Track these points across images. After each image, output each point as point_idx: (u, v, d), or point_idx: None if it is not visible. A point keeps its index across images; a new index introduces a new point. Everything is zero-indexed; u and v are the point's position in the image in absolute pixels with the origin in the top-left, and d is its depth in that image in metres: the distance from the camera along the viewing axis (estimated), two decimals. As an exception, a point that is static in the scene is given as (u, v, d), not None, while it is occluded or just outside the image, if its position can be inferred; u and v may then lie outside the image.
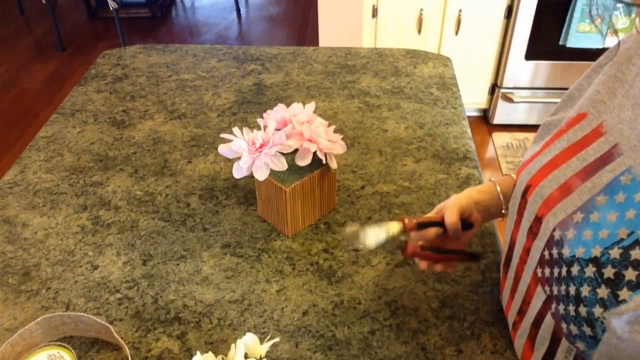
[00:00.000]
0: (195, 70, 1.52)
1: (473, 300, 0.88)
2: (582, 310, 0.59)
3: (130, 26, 3.87)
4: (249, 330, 0.83)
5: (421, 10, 2.46)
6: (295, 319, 0.86)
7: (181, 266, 0.95)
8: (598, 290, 0.57)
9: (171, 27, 3.94)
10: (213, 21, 3.95)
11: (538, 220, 0.66)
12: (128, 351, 0.78)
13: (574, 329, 0.61)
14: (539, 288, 0.67)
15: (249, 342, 0.75)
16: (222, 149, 0.97)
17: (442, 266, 0.82)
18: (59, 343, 0.81)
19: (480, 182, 1.12)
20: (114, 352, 0.82)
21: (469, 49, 2.56)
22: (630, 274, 0.54)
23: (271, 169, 0.93)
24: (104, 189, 1.12)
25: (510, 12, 2.44)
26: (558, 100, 0.77)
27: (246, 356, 0.74)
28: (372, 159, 1.19)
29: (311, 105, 1.00)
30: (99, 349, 0.82)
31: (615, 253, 0.55)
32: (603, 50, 0.70)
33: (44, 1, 3.36)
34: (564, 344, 0.64)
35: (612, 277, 0.56)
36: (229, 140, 0.95)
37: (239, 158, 0.94)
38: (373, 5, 2.46)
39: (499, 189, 0.86)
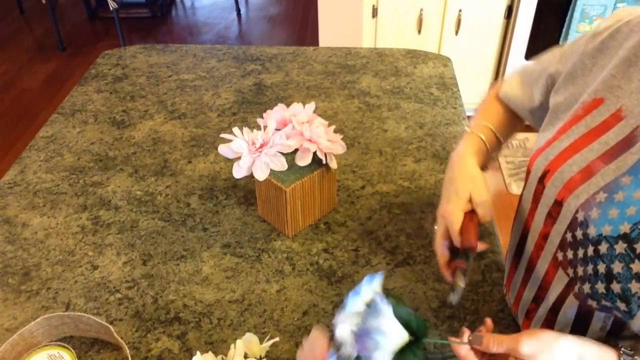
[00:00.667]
0: (195, 70, 1.52)
1: (473, 300, 0.88)
2: (616, 286, 0.59)
3: (130, 26, 3.87)
4: (249, 330, 0.83)
5: (421, 10, 2.46)
6: (295, 319, 0.86)
7: (181, 266, 0.95)
8: (632, 266, 0.57)
9: (171, 27, 3.94)
10: (213, 21, 3.95)
11: (558, 205, 0.66)
12: (128, 351, 0.78)
13: (607, 304, 0.61)
14: (560, 272, 0.67)
15: (248, 342, 0.75)
16: (222, 149, 0.97)
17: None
18: (59, 343, 0.81)
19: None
20: (114, 352, 0.82)
21: (469, 49, 2.56)
22: None
23: (271, 169, 0.93)
24: (104, 189, 1.12)
25: (510, 12, 2.44)
26: None
27: (246, 356, 0.74)
28: (372, 159, 1.19)
29: (311, 105, 1.00)
30: (99, 349, 0.82)
31: (620, 227, 0.57)
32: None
33: (44, 1, 3.36)
34: (597, 316, 0.65)
35: (624, 251, 0.57)
36: (229, 140, 0.95)
37: (239, 158, 0.94)
38: (373, 5, 2.46)
39: (482, 136, 0.85)
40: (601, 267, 0.61)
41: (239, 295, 0.90)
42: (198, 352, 0.73)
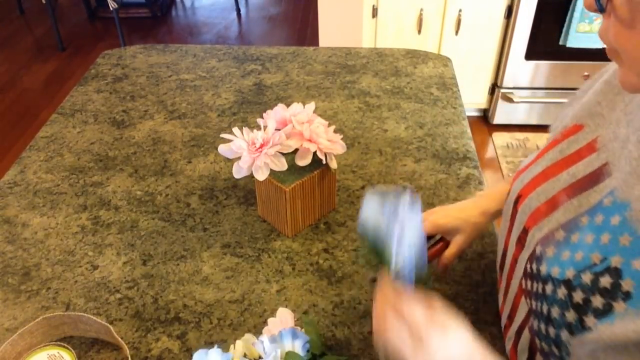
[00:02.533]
0: (195, 70, 1.52)
1: (473, 300, 0.88)
2: (551, 331, 0.57)
3: (130, 26, 3.87)
4: (249, 331, 0.83)
5: (421, 10, 2.46)
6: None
7: (181, 266, 0.95)
8: (567, 314, 0.55)
9: (171, 27, 3.94)
10: (213, 21, 3.95)
11: (525, 232, 0.65)
12: (128, 351, 0.78)
13: (545, 347, 0.59)
14: (523, 299, 0.66)
15: (248, 342, 0.75)
16: (222, 149, 0.97)
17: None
18: (59, 343, 0.81)
19: (480, 182, 1.12)
20: (114, 352, 0.82)
21: (469, 49, 2.56)
22: (597, 301, 0.51)
23: (271, 169, 0.93)
24: (104, 189, 1.12)
25: (510, 12, 2.44)
26: (558, 100, 0.77)
27: (245, 356, 0.74)
28: (372, 159, 1.19)
29: (311, 105, 1.00)
30: (99, 349, 0.82)
31: (586, 278, 0.53)
32: (603, 50, 0.70)
33: (44, 1, 3.36)
34: (539, 358, 0.63)
35: (580, 302, 0.53)
36: (229, 140, 0.95)
37: (239, 158, 0.94)
38: (373, 5, 2.46)
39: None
40: (544, 308, 0.58)
41: (239, 295, 0.90)
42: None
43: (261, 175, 0.93)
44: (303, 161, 0.95)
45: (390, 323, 0.60)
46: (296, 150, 0.96)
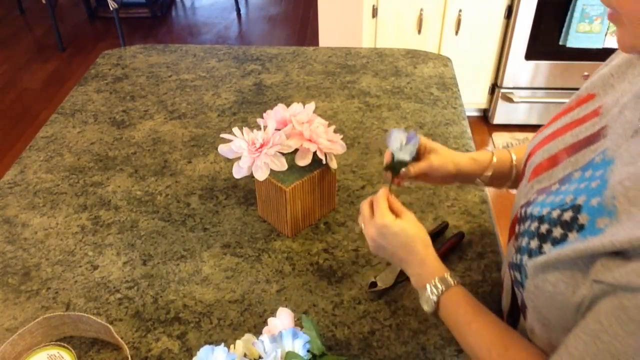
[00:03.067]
0: (195, 70, 1.52)
1: (473, 300, 0.88)
2: (518, 257, 0.65)
3: (130, 26, 3.87)
4: (249, 331, 0.83)
5: (421, 10, 2.46)
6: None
7: (181, 266, 0.95)
8: (531, 242, 0.63)
9: (171, 27, 3.94)
10: (213, 21, 3.95)
11: (528, 185, 0.71)
12: (128, 351, 0.78)
13: (515, 274, 0.67)
14: (512, 241, 0.73)
15: (248, 342, 0.75)
16: (222, 149, 0.97)
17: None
18: (59, 343, 0.81)
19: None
20: (114, 352, 0.82)
21: (469, 49, 2.56)
22: (557, 232, 0.59)
23: (271, 169, 0.93)
24: (104, 189, 1.12)
25: (510, 12, 2.44)
26: (558, 100, 0.79)
27: (245, 356, 0.74)
28: (372, 159, 1.19)
29: (311, 105, 1.00)
30: (99, 349, 0.82)
31: (555, 213, 0.60)
32: (603, 50, 0.70)
33: (44, 1, 3.36)
34: (514, 288, 0.71)
35: (544, 232, 0.61)
36: (229, 140, 0.95)
37: (239, 158, 0.94)
38: (373, 5, 2.46)
39: (494, 160, 0.90)
40: (521, 241, 0.66)
41: (239, 295, 0.90)
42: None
43: (261, 175, 0.93)
44: (303, 161, 0.95)
45: (372, 240, 0.78)
46: (296, 150, 0.96)
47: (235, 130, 0.96)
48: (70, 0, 4.23)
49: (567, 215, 0.58)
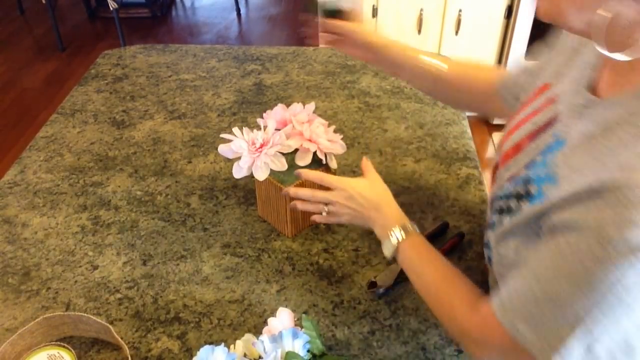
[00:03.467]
0: (195, 70, 1.52)
1: (473, 300, 0.88)
2: (486, 235, 0.75)
3: (130, 26, 3.87)
4: (249, 331, 0.83)
5: (421, 10, 2.46)
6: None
7: (181, 266, 0.95)
8: (493, 217, 0.72)
9: (171, 27, 3.94)
10: (213, 21, 3.95)
11: (499, 173, 0.78)
12: (128, 351, 0.78)
13: (486, 252, 0.76)
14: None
15: (248, 342, 0.75)
16: (222, 149, 0.97)
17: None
18: (59, 343, 0.81)
19: (480, 182, 1.12)
20: (114, 352, 0.82)
21: (469, 49, 2.56)
22: (513, 204, 0.68)
23: (271, 169, 0.93)
24: (104, 189, 1.12)
25: (510, 12, 2.44)
26: None
27: (245, 356, 0.74)
28: (372, 159, 1.19)
29: (311, 105, 1.00)
30: (99, 349, 0.82)
31: (512, 189, 0.69)
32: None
33: (44, 1, 3.36)
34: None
35: (505, 207, 0.70)
36: (229, 140, 0.95)
37: (239, 158, 0.94)
38: (373, 5, 2.46)
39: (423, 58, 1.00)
40: (489, 221, 0.75)
41: (239, 295, 0.90)
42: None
43: (261, 175, 0.93)
44: (303, 161, 0.95)
45: (345, 207, 0.85)
46: (296, 150, 0.96)
47: (235, 130, 0.96)
48: (70, 0, 4.23)
49: (521, 189, 0.67)
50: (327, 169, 0.98)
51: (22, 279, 0.93)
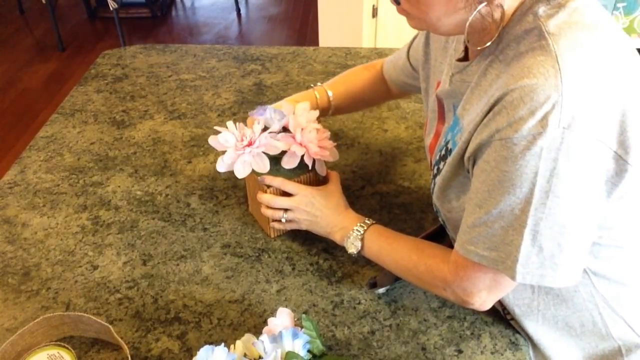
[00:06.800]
0: (195, 70, 1.52)
1: (473, 300, 0.88)
2: (433, 205, 0.84)
3: (130, 26, 3.87)
4: (249, 331, 0.83)
5: (421, 10, 2.45)
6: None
7: (181, 266, 0.95)
8: (431, 186, 0.83)
9: (171, 27, 3.94)
10: (213, 21, 3.95)
11: (431, 162, 0.87)
12: (128, 351, 0.78)
13: (438, 217, 0.86)
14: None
15: (248, 342, 0.75)
16: (212, 140, 0.96)
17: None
18: (59, 343, 0.81)
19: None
20: (114, 352, 0.82)
21: (469, 49, 2.56)
22: (441, 165, 0.79)
23: (253, 169, 0.92)
24: (104, 189, 1.12)
25: (510, 12, 2.43)
26: None
27: (245, 356, 0.74)
28: (372, 159, 1.19)
29: (315, 112, 0.99)
30: (99, 349, 0.82)
31: (437, 156, 0.81)
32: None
33: (44, 1, 3.36)
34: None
35: (435, 172, 0.81)
36: (219, 132, 0.95)
37: (225, 152, 0.94)
38: (373, 5, 2.46)
39: (317, 96, 1.09)
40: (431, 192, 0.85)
41: (239, 295, 0.90)
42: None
43: (241, 173, 0.92)
44: (288, 164, 0.93)
45: (305, 213, 0.92)
46: (284, 152, 0.94)
47: (229, 124, 0.95)
48: (70, 0, 4.23)
49: (443, 151, 0.79)
50: (315, 174, 0.97)
51: (22, 279, 0.93)
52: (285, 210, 0.93)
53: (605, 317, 0.78)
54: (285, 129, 0.97)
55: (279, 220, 0.95)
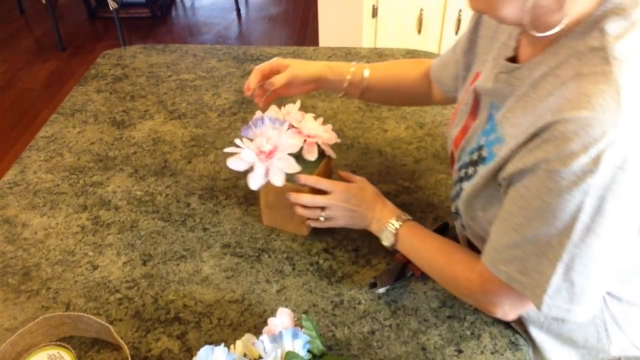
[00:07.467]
0: (195, 70, 1.52)
1: (473, 300, 0.88)
2: (454, 205, 0.83)
3: (130, 26, 3.87)
4: (249, 331, 0.83)
5: (421, 10, 2.46)
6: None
7: (181, 266, 0.95)
8: (456, 188, 0.81)
9: (171, 27, 3.94)
10: (213, 21, 3.95)
11: (455, 157, 0.85)
12: (128, 351, 0.78)
13: (458, 221, 0.86)
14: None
15: (248, 342, 0.75)
16: (233, 163, 0.92)
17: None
18: (59, 343, 0.81)
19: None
20: (114, 352, 0.82)
21: (469, 49, 2.56)
22: (470, 170, 0.77)
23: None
24: (104, 189, 1.12)
25: (510, 12, 2.43)
26: None
27: (245, 356, 0.74)
28: (372, 159, 1.19)
29: (297, 104, 1.02)
30: (99, 349, 0.82)
31: (467, 158, 0.78)
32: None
33: (44, 1, 3.36)
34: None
35: (463, 175, 0.79)
36: (234, 153, 0.92)
37: (250, 168, 0.91)
38: (373, 5, 2.46)
39: (352, 69, 1.03)
40: (452, 193, 0.84)
41: (239, 295, 0.90)
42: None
43: (278, 180, 0.90)
44: (312, 155, 0.95)
45: (343, 209, 0.91)
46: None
47: (237, 141, 0.93)
48: (70, 0, 4.23)
49: (475, 155, 0.76)
50: (329, 159, 0.99)
51: (22, 279, 0.93)
52: (323, 208, 0.92)
53: (611, 334, 0.78)
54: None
55: (316, 220, 0.94)
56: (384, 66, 1.08)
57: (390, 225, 0.88)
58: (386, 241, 0.89)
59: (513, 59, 0.74)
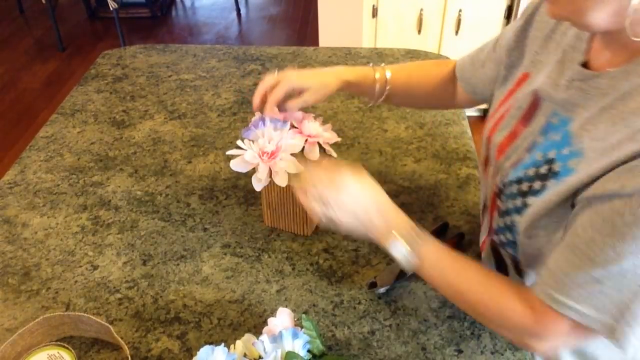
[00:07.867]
0: (195, 70, 1.52)
1: (473, 300, 0.88)
2: (507, 219, 0.75)
3: (130, 26, 3.87)
4: (249, 331, 0.83)
5: (421, 10, 2.46)
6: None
7: (181, 266, 0.95)
8: (516, 201, 0.73)
9: (171, 27, 3.94)
10: (213, 21, 3.95)
11: (497, 164, 0.80)
12: (128, 351, 0.78)
13: (501, 238, 0.78)
14: (492, 216, 0.83)
15: (248, 342, 0.75)
16: (235, 164, 0.92)
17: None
18: (59, 343, 0.81)
19: (480, 182, 1.12)
20: (114, 352, 0.82)
21: (469, 49, 2.56)
22: (537, 185, 0.69)
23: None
24: (104, 189, 1.12)
25: (510, 12, 2.43)
26: None
27: (245, 356, 0.74)
28: (372, 159, 1.19)
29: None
30: (99, 349, 0.82)
31: (531, 172, 0.71)
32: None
33: (44, 1, 3.36)
34: (503, 254, 0.82)
35: (525, 189, 0.71)
36: (237, 156, 0.92)
37: (253, 170, 0.91)
38: (373, 5, 2.46)
39: (377, 75, 0.96)
40: (502, 206, 0.77)
41: (239, 295, 0.90)
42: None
43: (282, 181, 0.90)
44: (313, 155, 0.94)
45: (311, 202, 0.76)
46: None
47: (239, 143, 0.94)
48: (70, 0, 4.23)
49: (543, 169, 0.69)
50: (329, 157, 0.98)
51: (22, 279, 0.93)
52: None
53: None
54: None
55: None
56: (405, 68, 1.03)
57: (407, 241, 0.74)
58: (401, 259, 0.75)
59: (584, 65, 0.69)
